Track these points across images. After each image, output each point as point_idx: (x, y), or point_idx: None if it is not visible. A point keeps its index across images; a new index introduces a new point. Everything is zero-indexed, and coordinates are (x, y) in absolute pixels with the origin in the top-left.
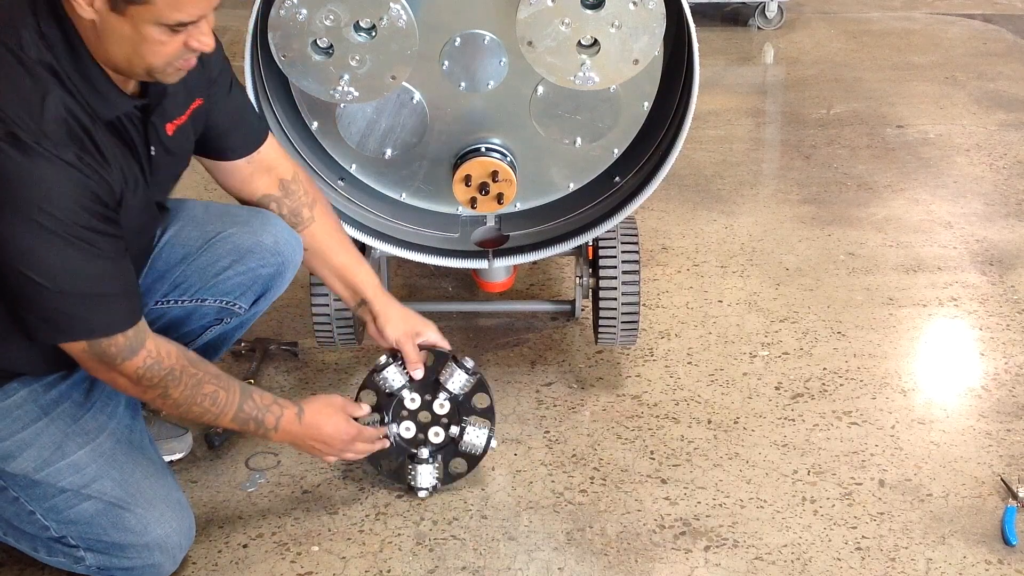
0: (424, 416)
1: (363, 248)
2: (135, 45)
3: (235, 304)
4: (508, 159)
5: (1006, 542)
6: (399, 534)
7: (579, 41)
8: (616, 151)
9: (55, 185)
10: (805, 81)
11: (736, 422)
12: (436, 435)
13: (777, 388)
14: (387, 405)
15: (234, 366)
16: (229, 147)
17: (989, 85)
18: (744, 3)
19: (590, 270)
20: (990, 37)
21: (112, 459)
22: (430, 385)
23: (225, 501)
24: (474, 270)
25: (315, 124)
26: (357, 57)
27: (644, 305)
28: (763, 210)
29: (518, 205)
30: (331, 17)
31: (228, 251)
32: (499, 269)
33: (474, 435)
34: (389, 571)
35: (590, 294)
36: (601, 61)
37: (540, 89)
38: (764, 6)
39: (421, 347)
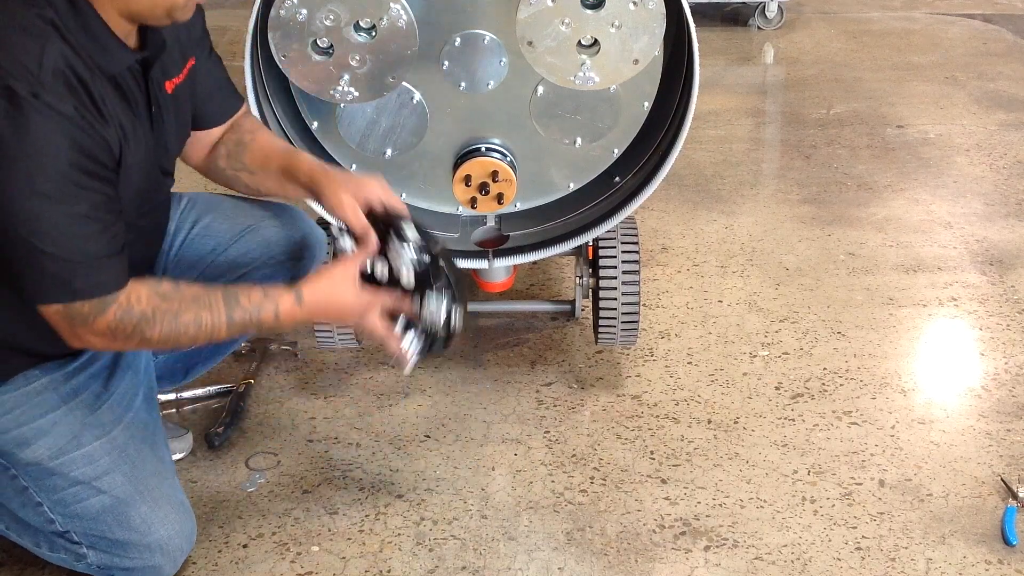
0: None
1: None
2: None
3: None
4: (508, 159)
5: (1006, 542)
6: (399, 534)
7: (579, 41)
8: (616, 151)
9: (51, 141)
10: (805, 81)
11: (736, 422)
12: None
13: (777, 388)
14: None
15: (234, 365)
16: (208, 113)
17: (989, 85)
18: (744, 3)
19: (590, 270)
20: (990, 37)
21: (124, 453)
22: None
23: (225, 501)
24: (474, 270)
25: (315, 124)
26: (357, 57)
27: (644, 305)
28: (763, 210)
29: (518, 205)
30: (331, 17)
31: (257, 244)
32: (499, 269)
33: (433, 306)
34: (389, 571)
35: (590, 294)
36: (601, 61)
37: (540, 89)
38: (764, 6)
39: (373, 213)
